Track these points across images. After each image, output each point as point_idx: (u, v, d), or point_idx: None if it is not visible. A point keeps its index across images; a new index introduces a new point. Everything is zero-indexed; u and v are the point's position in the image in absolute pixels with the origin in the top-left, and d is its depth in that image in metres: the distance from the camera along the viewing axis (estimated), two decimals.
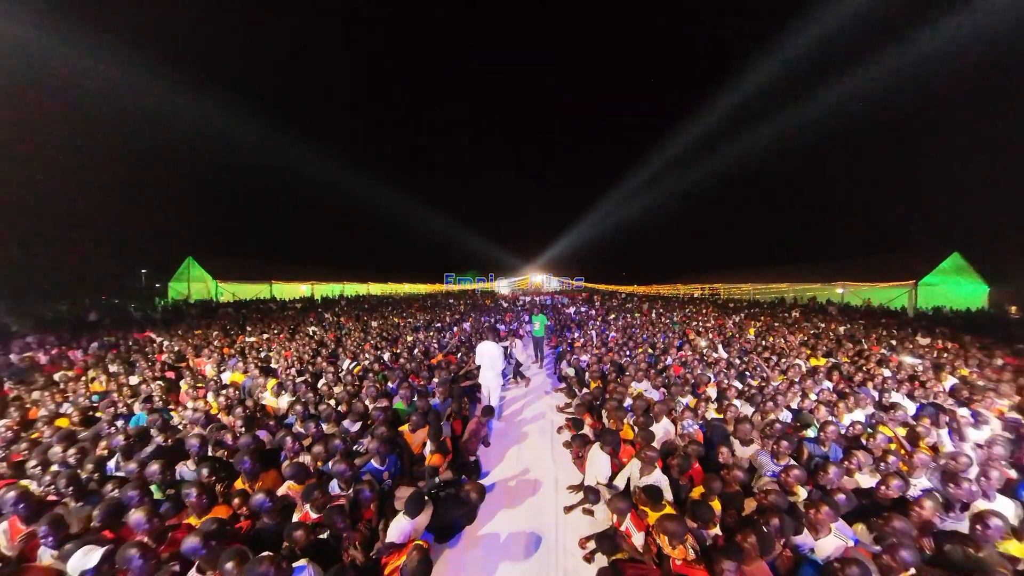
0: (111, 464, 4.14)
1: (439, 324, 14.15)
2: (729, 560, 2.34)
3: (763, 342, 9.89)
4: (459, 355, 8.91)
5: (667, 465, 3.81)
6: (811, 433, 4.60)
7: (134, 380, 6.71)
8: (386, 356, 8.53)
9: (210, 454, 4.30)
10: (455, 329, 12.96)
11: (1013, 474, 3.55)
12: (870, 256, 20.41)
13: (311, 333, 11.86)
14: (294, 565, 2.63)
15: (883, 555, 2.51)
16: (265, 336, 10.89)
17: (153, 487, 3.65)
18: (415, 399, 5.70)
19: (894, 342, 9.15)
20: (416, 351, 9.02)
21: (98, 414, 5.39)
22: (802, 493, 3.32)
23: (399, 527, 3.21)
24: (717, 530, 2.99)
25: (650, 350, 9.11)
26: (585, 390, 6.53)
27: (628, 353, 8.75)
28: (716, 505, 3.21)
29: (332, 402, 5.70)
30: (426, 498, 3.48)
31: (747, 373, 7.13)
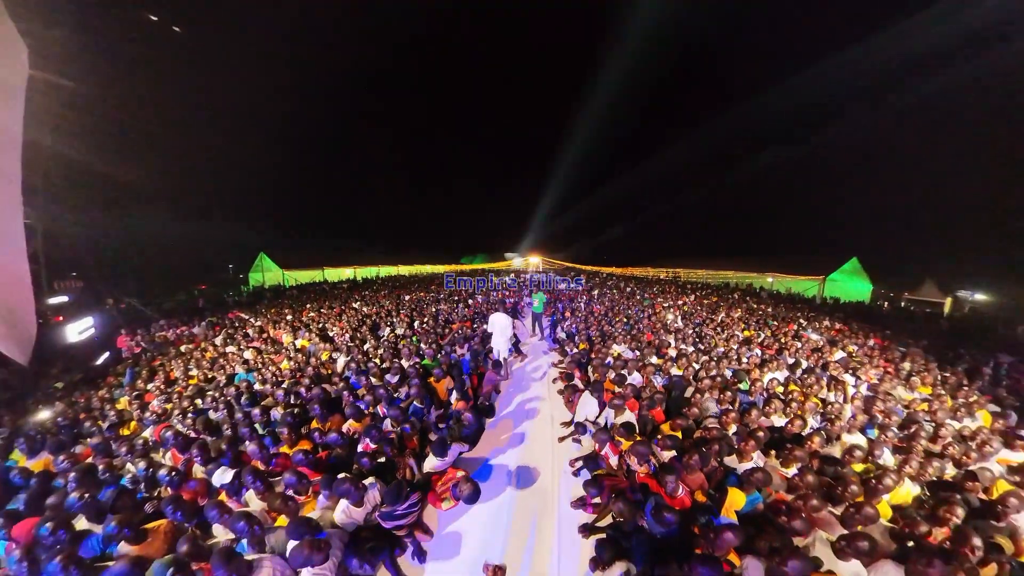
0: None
1: (456, 297, 14.29)
2: (668, 474, 2.63)
3: (712, 316, 10.12)
4: (473, 323, 9.11)
5: (641, 407, 4.01)
6: (744, 386, 4.86)
7: (232, 349, 6.96)
8: (416, 323, 8.66)
9: (292, 402, 4.58)
10: (470, 302, 13.13)
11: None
12: (794, 254, 21.01)
13: (356, 307, 12.09)
14: (365, 483, 2.89)
15: (795, 476, 2.84)
16: (322, 311, 11.13)
17: (257, 426, 3.98)
18: (438, 356, 5.85)
19: (804, 322, 9.45)
20: (440, 319, 9.23)
21: (211, 374, 5.72)
22: (733, 428, 3.62)
23: (431, 464, 3.34)
24: (673, 453, 3.19)
25: (625, 320, 9.36)
26: (575, 350, 6.63)
27: (610, 322, 8.97)
28: (678, 434, 3.47)
29: (377, 360, 5.86)
30: (450, 441, 3.52)
31: (698, 341, 7.37)
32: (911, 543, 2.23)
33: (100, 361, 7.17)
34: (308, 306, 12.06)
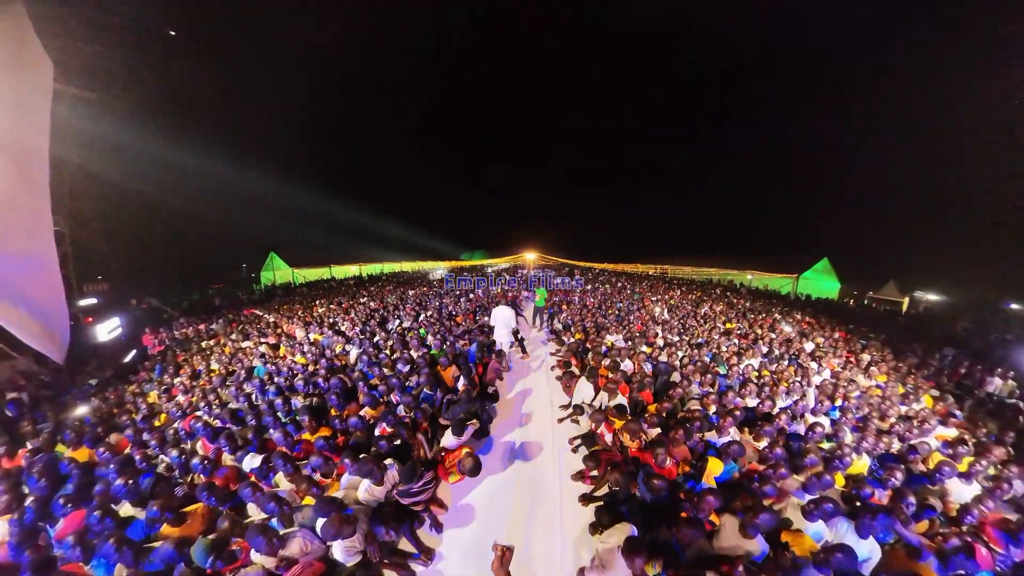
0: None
1: (457, 292, 14.27)
2: (659, 447, 2.83)
3: (695, 310, 10.35)
4: (475, 315, 9.17)
5: (631, 391, 4.18)
6: (722, 371, 5.06)
7: (248, 344, 6.96)
8: (421, 316, 8.69)
9: (310, 392, 4.64)
10: (472, 296, 13.13)
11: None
12: (771, 254, 21.73)
13: (363, 302, 12.06)
14: (385, 463, 3.01)
15: (765, 449, 3.04)
16: (331, 307, 11.10)
17: (279, 415, 4.04)
18: (444, 345, 5.90)
19: (779, 315, 9.73)
20: (444, 312, 9.29)
21: (231, 368, 5.78)
22: (712, 408, 3.82)
23: (447, 442, 3.45)
24: (659, 430, 3.38)
25: (617, 312, 9.53)
26: (571, 339, 6.69)
27: (603, 314, 9.13)
28: (663, 414, 3.64)
29: (387, 352, 5.90)
30: (467, 423, 3.62)
31: (683, 331, 7.56)
32: (859, 503, 2.46)
33: (129, 358, 7.25)
34: (318, 302, 12.05)
